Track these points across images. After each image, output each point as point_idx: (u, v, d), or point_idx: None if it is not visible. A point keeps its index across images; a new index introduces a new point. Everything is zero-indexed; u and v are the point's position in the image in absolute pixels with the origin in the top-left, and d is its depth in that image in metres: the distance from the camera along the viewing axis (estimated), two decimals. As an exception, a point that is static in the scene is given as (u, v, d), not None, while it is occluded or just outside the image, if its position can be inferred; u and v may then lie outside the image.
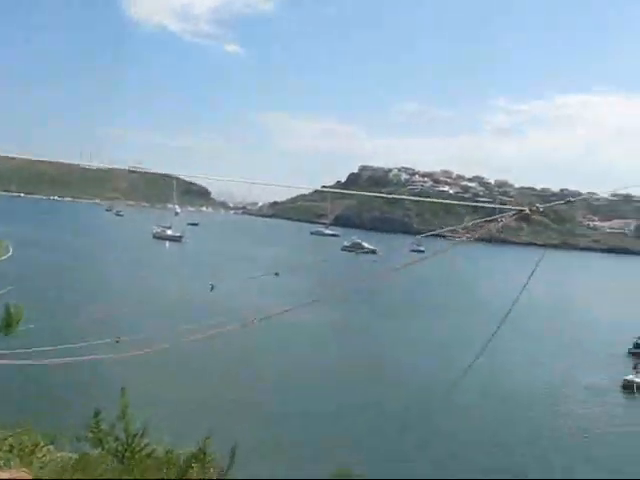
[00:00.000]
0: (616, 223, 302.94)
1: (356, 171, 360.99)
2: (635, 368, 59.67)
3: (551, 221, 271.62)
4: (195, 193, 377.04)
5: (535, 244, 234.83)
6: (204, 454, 10.34)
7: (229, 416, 37.15)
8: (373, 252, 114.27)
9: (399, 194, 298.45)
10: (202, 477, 10.14)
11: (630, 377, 58.21)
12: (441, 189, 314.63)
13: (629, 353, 72.42)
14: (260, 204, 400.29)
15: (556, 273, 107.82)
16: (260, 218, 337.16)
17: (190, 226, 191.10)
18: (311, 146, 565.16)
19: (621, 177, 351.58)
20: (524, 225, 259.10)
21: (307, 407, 42.55)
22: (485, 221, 8.24)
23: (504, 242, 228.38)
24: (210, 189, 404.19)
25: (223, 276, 64.04)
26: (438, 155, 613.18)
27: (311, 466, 29.40)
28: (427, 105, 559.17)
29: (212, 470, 10.30)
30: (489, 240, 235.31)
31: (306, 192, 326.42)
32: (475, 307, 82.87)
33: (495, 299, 64.51)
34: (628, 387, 57.11)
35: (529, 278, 8.20)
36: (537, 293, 78.75)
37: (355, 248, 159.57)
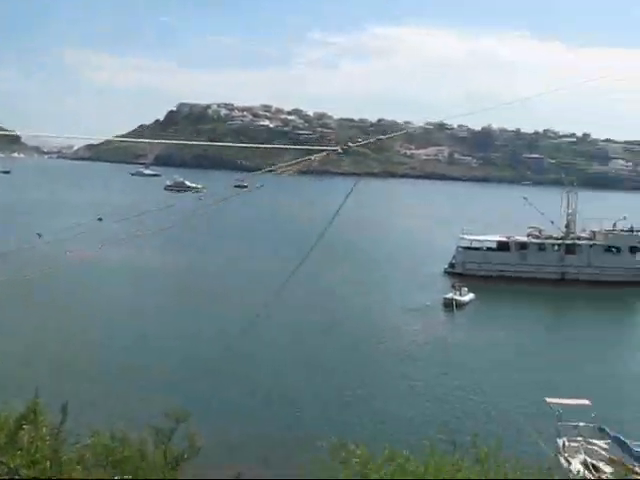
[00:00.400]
0: (431, 150, 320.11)
1: (174, 109, 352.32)
2: (454, 287, 64.29)
3: (371, 151, 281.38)
4: (3, 139, 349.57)
5: (356, 174, 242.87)
6: (35, 414, 10.03)
7: (55, 371, 35.87)
8: (197, 190, 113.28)
9: (219, 130, 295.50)
10: (34, 435, 9.86)
11: (450, 295, 62.68)
12: (261, 123, 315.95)
13: (445, 273, 77.74)
14: (76, 147, 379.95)
15: (376, 199, 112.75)
16: (77, 162, 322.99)
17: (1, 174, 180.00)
18: (126, 84, 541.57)
19: (436, 106, 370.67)
20: (345, 156, 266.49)
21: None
22: (303, 161, 8.40)
23: (326, 173, 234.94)
24: (20, 134, 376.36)
25: (47, 225, 61.76)
26: (257, 90, 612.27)
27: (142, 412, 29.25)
28: (244, 39, 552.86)
29: (44, 430, 10.02)
30: (311, 172, 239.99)
31: (123, 132, 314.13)
32: (292, 235, 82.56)
33: (313, 227, 66.39)
34: (448, 305, 61.43)
35: (340, 206, 8.48)
36: (356, 219, 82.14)
37: (178, 187, 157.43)
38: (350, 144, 8.62)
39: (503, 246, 79.49)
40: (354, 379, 40.05)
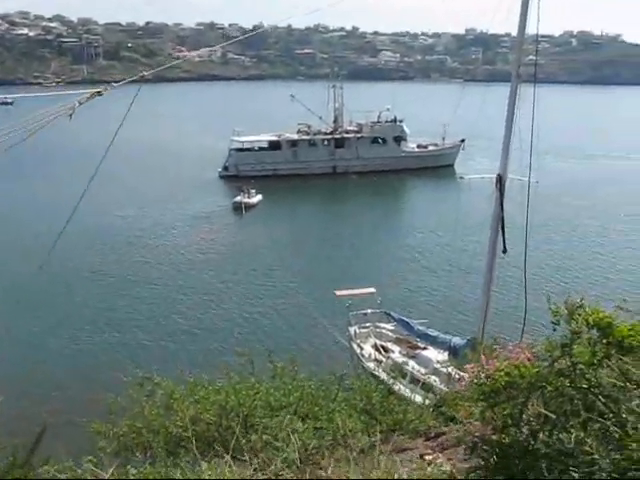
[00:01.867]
0: (204, 52, 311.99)
1: None
2: (242, 190, 64.70)
3: (141, 56, 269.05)
4: None
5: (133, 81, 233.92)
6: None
7: None
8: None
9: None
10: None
11: (238, 199, 63.39)
12: (20, 32, 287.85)
13: (220, 177, 77.98)
14: None
15: (154, 106, 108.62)
16: None
17: None
18: None
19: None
20: (116, 63, 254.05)
21: None
22: (64, 109, 7.87)
23: (98, 82, 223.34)
24: None
25: None
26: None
27: None
28: None
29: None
30: (82, 82, 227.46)
31: None
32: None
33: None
34: (237, 208, 62.33)
35: (122, 122, 8.22)
36: (128, 130, 79.14)
37: None
38: (114, 85, 8.33)
39: (275, 145, 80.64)
40: (138, 300, 40.00)
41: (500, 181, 24.18)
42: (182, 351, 32.18)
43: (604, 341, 5.29)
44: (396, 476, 9.62)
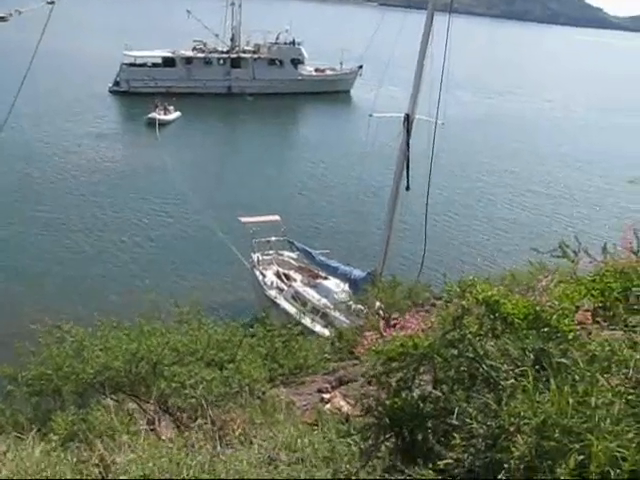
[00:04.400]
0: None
1: None
2: (157, 105, 62.82)
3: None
4: None
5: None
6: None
7: None
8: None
9: None
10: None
11: (152, 115, 61.44)
12: None
13: (110, 92, 74.73)
14: None
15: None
16: None
17: None
18: None
19: None
20: None
21: None
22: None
23: None
24: None
25: None
26: None
27: None
28: None
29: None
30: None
31: None
32: None
33: None
34: (151, 124, 60.57)
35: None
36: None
37: None
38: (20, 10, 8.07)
39: (169, 62, 77.89)
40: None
41: (408, 120, 24.75)
42: (89, 283, 31.42)
43: (491, 317, 5.87)
44: (297, 411, 10.30)
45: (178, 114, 64.87)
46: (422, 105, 24.83)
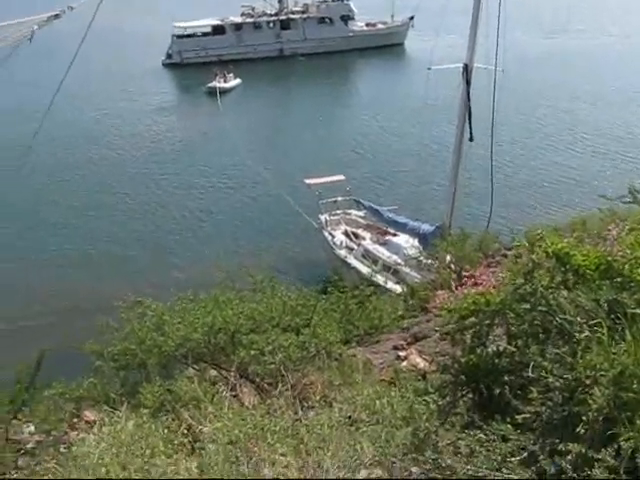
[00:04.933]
0: None
1: None
2: (216, 74, 62.89)
3: None
4: None
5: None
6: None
7: None
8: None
9: None
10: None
11: (213, 84, 61.89)
12: None
13: (163, 65, 74.73)
14: None
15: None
16: None
17: None
18: None
19: None
20: None
21: None
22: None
23: None
24: None
25: None
26: None
27: None
28: None
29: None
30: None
31: None
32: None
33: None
34: (212, 93, 60.88)
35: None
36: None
37: None
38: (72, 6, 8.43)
39: (218, 30, 77.20)
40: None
41: (466, 70, 24.21)
42: (162, 258, 32.29)
43: (562, 269, 5.82)
44: (374, 369, 10.43)
45: (238, 81, 64.85)
46: (479, 52, 24.23)
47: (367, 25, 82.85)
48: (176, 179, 42.26)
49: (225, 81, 63.40)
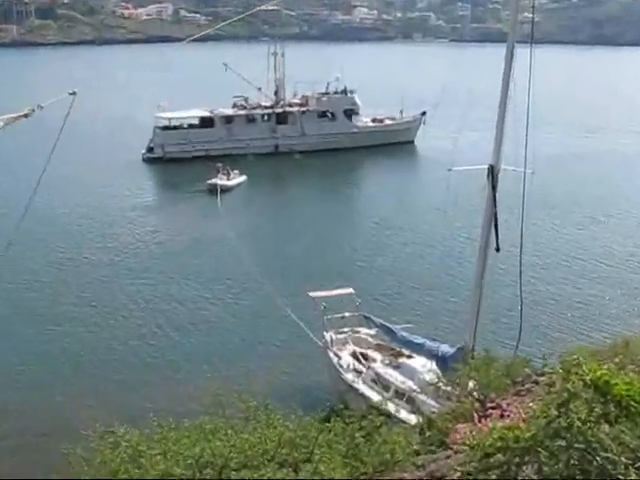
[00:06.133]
0: (152, 9, 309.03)
1: None
2: (218, 170, 64.42)
3: (80, 14, 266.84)
4: None
5: (68, 43, 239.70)
6: None
7: None
8: None
9: None
10: None
11: (213, 181, 62.98)
12: None
13: (144, 160, 75.84)
14: None
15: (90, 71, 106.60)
16: None
17: None
18: None
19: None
20: (51, 22, 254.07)
21: None
22: None
23: (31, 45, 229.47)
24: None
25: None
26: None
27: None
28: None
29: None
30: (11, 44, 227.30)
31: None
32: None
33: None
34: (212, 191, 61.67)
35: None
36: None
37: None
38: (42, 105, 8.76)
39: (207, 122, 77.99)
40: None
41: (492, 172, 24.34)
42: (144, 374, 31.98)
43: (602, 400, 5.75)
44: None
45: (243, 178, 66.14)
46: (506, 151, 24.61)
47: (373, 120, 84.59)
48: (162, 288, 42.31)
49: (228, 178, 64.51)
